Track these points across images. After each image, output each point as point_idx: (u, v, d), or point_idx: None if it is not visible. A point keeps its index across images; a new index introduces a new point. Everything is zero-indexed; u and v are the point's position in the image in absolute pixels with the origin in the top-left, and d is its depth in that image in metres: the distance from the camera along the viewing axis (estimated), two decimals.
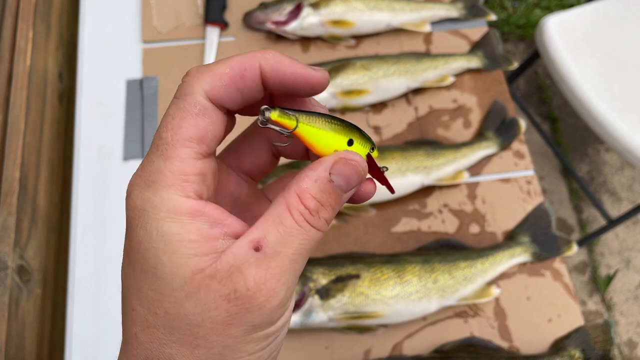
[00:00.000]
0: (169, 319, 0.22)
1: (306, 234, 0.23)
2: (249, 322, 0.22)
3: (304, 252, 0.23)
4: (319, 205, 0.23)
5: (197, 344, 0.22)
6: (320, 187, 0.24)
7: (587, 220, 1.53)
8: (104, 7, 0.86)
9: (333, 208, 0.24)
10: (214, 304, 0.22)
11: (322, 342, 0.64)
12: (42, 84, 0.77)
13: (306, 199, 0.23)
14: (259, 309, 0.22)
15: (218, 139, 0.24)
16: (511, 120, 0.77)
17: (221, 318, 0.22)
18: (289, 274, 0.23)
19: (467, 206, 0.73)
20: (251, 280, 0.22)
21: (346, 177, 0.24)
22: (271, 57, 0.24)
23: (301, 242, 0.23)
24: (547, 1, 1.82)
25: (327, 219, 0.24)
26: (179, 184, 0.23)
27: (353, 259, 0.65)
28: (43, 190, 0.73)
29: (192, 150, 0.23)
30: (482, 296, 0.65)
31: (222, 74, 0.23)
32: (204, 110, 0.23)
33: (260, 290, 0.22)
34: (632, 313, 1.43)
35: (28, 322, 0.65)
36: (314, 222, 0.23)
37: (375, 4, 0.82)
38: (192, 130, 0.23)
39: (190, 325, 0.22)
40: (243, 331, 0.22)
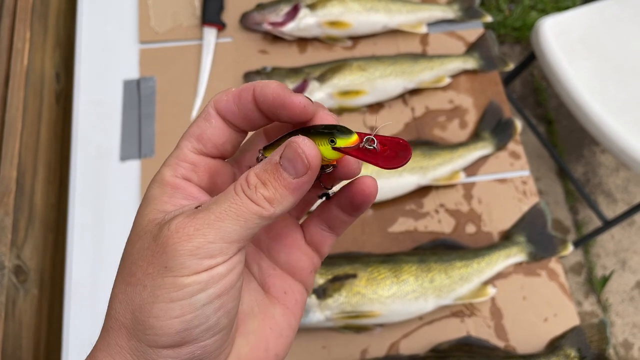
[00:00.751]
0: (123, 259, 0.26)
1: (239, 200, 0.25)
2: (162, 262, 0.24)
3: (233, 215, 0.24)
4: (257, 181, 0.25)
5: (130, 281, 0.25)
6: (265, 167, 0.25)
7: (583, 222, 1.54)
8: (101, 7, 0.86)
9: (276, 189, 0.25)
10: (147, 244, 0.25)
11: (319, 341, 0.64)
12: (39, 84, 0.77)
13: (249, 176, 0.25)
14: (172, 250, 0.24)
15: (215, 143, 0.28)
16: (507, 120, 0.78)
17: (147, 256, 0.25)
18: (210, 228, 0.24)
19: (464, 206, 0.73)
20: (174, 224, 0.24)
21: (291, 160, 0.25)
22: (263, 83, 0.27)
23: (231, 204, 0.24)
24: (543, 3, 1.83)
25: (266, 196, 0.25)
26: (173, 165, 0.28)
27: (350, 259, 0.65)
28: (40, 190, 0.73)
29: (190, 144, 0.28)
30: (478, 296, 0.65)
31: (228, 92, 0.28)
32: (208, 116, 0.28)
33: (177, 233, 0.24)
34: (627, 314, 1.44)
35: (25, 322, 0.65)
36: (249, 193, 0.25)
37: (372, 5, 0.83)
38: (195, 129, 0.28)
39: (131, 263, 0.25)
40: (157, 272, 0.24)
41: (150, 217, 0.26)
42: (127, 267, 0.25)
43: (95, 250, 0.69)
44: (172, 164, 0.28)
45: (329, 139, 0.26)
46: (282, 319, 0.31)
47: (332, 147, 0.26)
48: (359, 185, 0.29)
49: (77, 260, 0.69)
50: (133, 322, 0.24)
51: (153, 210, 0.26)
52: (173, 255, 0.24)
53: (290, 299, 0.31)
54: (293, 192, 0.25)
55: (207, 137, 0.28)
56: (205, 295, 0.24)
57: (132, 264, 0.25)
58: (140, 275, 0.24)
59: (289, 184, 0.25)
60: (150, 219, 0.26)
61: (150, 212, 0.26)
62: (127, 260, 0.26)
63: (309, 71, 0.78)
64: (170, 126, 0.77)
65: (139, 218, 0.27)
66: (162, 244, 0.24)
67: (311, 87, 0.76)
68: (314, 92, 0.76)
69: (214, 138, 0.28)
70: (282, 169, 0.25)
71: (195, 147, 0.28)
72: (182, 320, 0.24)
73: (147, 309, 0.24)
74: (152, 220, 0.26)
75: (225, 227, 0.24)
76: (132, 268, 0.25)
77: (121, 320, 0.25)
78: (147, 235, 0.25)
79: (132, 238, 0.26)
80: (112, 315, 0.25)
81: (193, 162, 0.28)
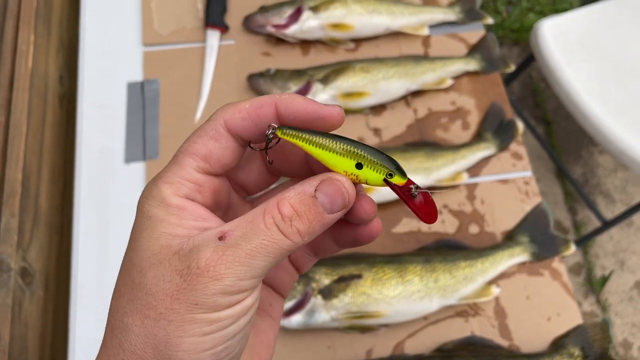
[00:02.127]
0: (133, 287, 0.24)
1: (271, 236, 0.24)
2: (191, 299, 0.23)
3: (265, 252, 0.24)
4: (293, 213, 0.24)
5: (148, 314, 0.24)
6: (301, 199, 0.25)
7: (582, 222, 1.55)
8: (104, 10, 0.86)
9: (310, 223, 0.25)
10: (169, 277, 0.24)
11: (324, 341, 0.65)
12: (43, 87, 0.77)
13: (283, 206, 0.24)
14: (202, 289, 0.23)
15: (223, 163, 0.27)
16: (509, 121, 0.78)
17: (171, 291, 0.23)
18: (241, 267, 0.23)
19: (467, 207, 0.74)
20: (203, 261, 0.23)
21: (330, 196, 0.25)
22: (286, 97, 0.26)
23: (263, 241, 0.24)
24: (540, 5, 1.84)
25: (300, 230, 0.24)
26: (175, 184, 0.26)
27: (355, 259, 0.65)
28: (45, 192, 0.74)
29: (194, 162, 0.26)
30: (482, 295, 0.66)
31: (242, 108, 0.26)
32: (217, 135, 0.26)
33: (208, 272, 0.23)
34: (627, 314, 1.44)
35: (31, 324, 0.65)
36: (282, 227, 0.24)
37: (375, 8, 0.83)
38: (201, 147, 0.26)
39: (147, 295, 0.24)
40: (186, 308, 0.23)
41: (162, 242, 0.25)
42: (140, 298, 0.24)
43: (100, 252, 0.70)
44: (174, 182, 0.26)
45: (388, 172, 0.26)
46: (269, 330, 0.31)
47: (384, 178, 0.26)
48: (370, 229, 0.29)
49: (82, 262, 0.69)
50: (155, 356, 0.24)
51: (163, 234, 0.25)
52: (204, 294, 0.23)
53: (276, 310, 0.32)
54: (324, 226, 0.25)
55: (216, 157, 0.27)
56: (237, 326, 0.24)
57: (149, 296, 0.24)
58: (162, 310, 0.23)
59: (324, 218, 0.25)
60: (163, 245, 0.25)
61: (160, 236, 0.25)
62: (139, 290, 0.24)
63: (312, 73, 0.78)
64: (175, 128, 0.77)
65: (145, 241, 0.25)
66: (191, 281, 0.23)
67: (314, 89, 0.77)
68: (317, 93, 0.77)
69: (223, 159, 0.27)
70: (318, 202, 0.25)
71: (201, 167, 0.26)
72: (214, 352, 0.24)
73: (175, 343, 0.23)
74: (165, 247, 0.24)
75: (256, 264, 0.24)
76: (149, 300, 0.24)
77: (139, 354, 0.24)
78: (165, 265, 0.24)
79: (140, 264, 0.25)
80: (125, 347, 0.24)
81: (199, 183, 0.26)
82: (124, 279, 0.25)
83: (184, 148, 0.27)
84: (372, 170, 0.26)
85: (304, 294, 0.62)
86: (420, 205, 0.27)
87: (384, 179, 0.26)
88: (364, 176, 0.26)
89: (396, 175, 0.27)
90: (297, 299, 0.62)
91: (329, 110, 0.26)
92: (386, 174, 0.26)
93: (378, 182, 0.27)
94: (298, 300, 0.62)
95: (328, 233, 0.30)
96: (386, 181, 0.26)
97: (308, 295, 0.62)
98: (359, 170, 0.26)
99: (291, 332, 0.65)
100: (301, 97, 0.26)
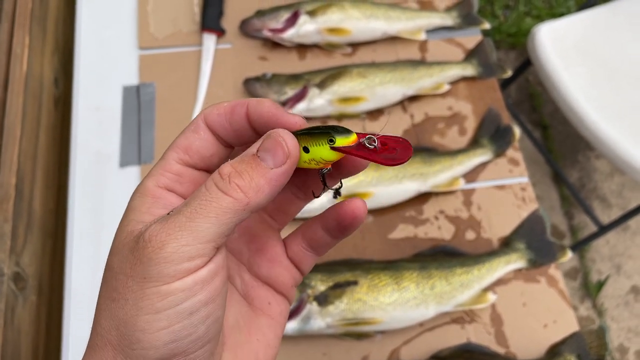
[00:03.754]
0: (106, 274, 0.25)
1: (209, 196, 0.24)
2: (140, 273, 0.23)
3: (204, 213, 0.23)
4: (232, 171, 0.24)
5: (112, 296, 0.24)
6: (242, 158, 0.25)
7: (578, 226, 1.55)
8: (100, 13, 0.86)
9: (252, 178, 0.24)
10: (125, 257, 0.24)
11: (319, 348, 0.64)
12: (38, 90, 0.77)
13: (223, 167, 0.25)
14: (148, 260, 0.23)
15: (202, 155, 0.28)
16: (505, 127, 0.78)
17: (127, 270, 0.24)
18: (182, 231, 0.23)
19: (463, 213, 0.73)
20: (147, 233, 0.24)
21: (270, 150, 0.25)
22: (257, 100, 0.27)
23: (200, 202, 0.24)
24: (537, 10, 1.85)
25: (241, 185, 0.24)
26: (156, 175, 0.27)
27: (351, 266, 0.65)
28: (39, 196, 0.73)
29: (176, 155, 0.27)
30: (478, 302, 0.66)
31: (220, 106, 0.28)
32: (197, 129, 0.28)
33: (151, 242, 0.23)
34: (622, 318, 1.44)
35: (24, 330, 0.65)
36: (221, 185, 0.24)
37: (372, 13, 0.83)
38: (183, 140, 0.28)
39: (112, 277, 0.25)
40: (137, 284, 0.23)
41: (128, 229, 0.26)
42: (108, 281, 0.25)
43: (95, 257, 0.69)
44: (156, 174, 0.27)
45: (327, 138, 0.25)
46: (268, 330, 0.30)
47: (330, 147, 0.25)
48: (348, 206, 0.29)
49: (77, 266, 0.69)
50: (118, 337, 0.24)
51: (131, 221, 0.26)
52: (149, 265, 0.23)
53: (275, 310, 0.31)
54: (270, 182, 0.25)
55: (195, 148, 0.27)
56: (192, 302, 0.24)
57: (113, 278, 0.24)
58: (121, 290, 0.24)
59: (267, 173, 0.24)
60: (129, 231, 0.25)
61: (128, 223, 0.26)
62: (109, 274, 0.25)
63: (309, 78, 0.78)
64: (170, 132, 0.77)
65: (118, 231, 0.26)
66: (139, 255, 0.23)
67: (311, 94, 0.76)
68: (314, 98, 0.76)
69: (201, 150, 0.28)
70: (260, 159, 0.25)
71: (181, 158, 0.27)
72: (170, 331, 0.23)
73: (131, 322, 0.23)
74: (130, 233, 0.25)
75: (197, 227, 0.23)
76: (113, 282, 0.24)
77: (107, 337, 0.24)
78: (125, 247, 0.25)
79: (112, 251, 0.26)
80: (97, 331, 0.24)
81: (178, 173, 0.27)
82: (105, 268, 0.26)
83: (171, 144, 0.28)
84: (317, 146, 0.26)
85: (299, 301, 0.62)
86: (385, 154, 0.25)
87: (330, 148, 0.25)
88: (316, 155, 0.26)
89: (339, 138, 0.25)
90: (293, 306, 0.62)
91: (287, 118, 0.26)
92: (327, 141, 0.25)
93: (330, 155, 0.26)
94: (293, 307, 0.62)
95: (318, 222, 0.30)
96: (334, 148, 0.25)
97: (303, 301, 0.62)
98: (308, 154, 0.26)
99: (286, 339, 0.64)
100: (270, 102, 0.27)
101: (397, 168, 0.71)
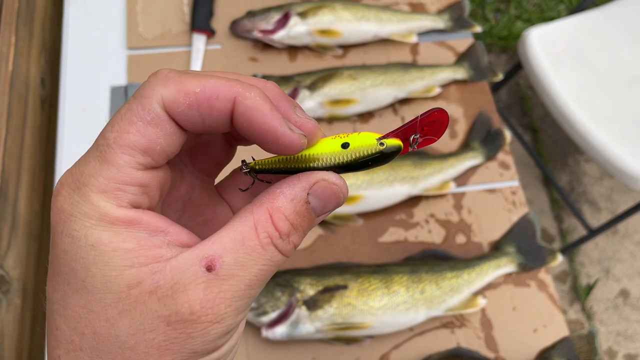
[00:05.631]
0: (98, 340, 0.20)
1: (270, 259, 0.21)
2: (188, 348, 0.20)
3: (264, 278, 0.21)
4: (291, 229, 0.21)
5: None
6: (296, 209, 0.21)
7: (568, 230, 1.55)
8: (88, 12, 0.85)
9: (304, 232, 0.22)
10: (151, 325, 0.20)
11: (309, 353, 0.64)
12: (24, 90, 0.76)
13: (279, 220, 0.21)
14: (202, 335, 0.20)
15: (168, 154, 0.22)
16: (496, 131, 0.78)
17: (157, 342, 0.20)
18: (242, 300, 0.20)
19: (454, 216, 0.73)
20: (197, 304, 0.20)
21: (324, 200, 0.22)
22: (252, 98, 0.21)
23: (262, 267, 0.21)
24: (528, 13, 1.85)
25: (296, 244, 0.22)
26: (113, 192, 0.20)
27: (340, 269, 0.64)
28: (24, 198, 0.72)
29: (133, 159, 0.21)
30: (468, 306, 0.65)
31: (190, 90, 0.21)
32: (157, 120, 0.21)
33: (206, 316, 0.20)
34: (611, 322, 1.45)
35: (7, 333, 0.64)
36: (282, 246, 0.21)
37: (363, 15, 0.82)
38: (139, 138, 0.21)
39: (122, 348, 0.20)
40: (181, 357, 0.20)
41: (126, 281, 0.20)
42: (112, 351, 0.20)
43: None
44: (109, 190, 0.20)
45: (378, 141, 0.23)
46: None
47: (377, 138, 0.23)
48: None
49: None
50: None
51: (123, 270, 0.20)
52: (203, 341, 0.20)
53: None
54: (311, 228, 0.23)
55: (161, 149, 0.21)
56: (233, 354, 0.23)
57: (126, 349, 0.20)
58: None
59: (314, 223, 0.22)
60: (130, 285, 0.20)
61: (120, 273, 0.20)
62: (110, 343, 0.20)
63: (299, 79, 0.77)
64: None
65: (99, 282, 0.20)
66: (185, 329, 0.20)
67: (302, 96, 0.76)
68: (304, 100, 0.76)
69: (169, 149, 0.22)
70: (311, 207, 0.22)
71: (142, 163, 0.21)
72: None
73: None
74: (134, 286, 0.20)
75: (256, 293, 0.21)
76: (126, 354, 0.20)
77: None
78: (142, 311, 0.20)
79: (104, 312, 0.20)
80: None
81: (143, 183, 0.21)
82: (79, 328, 0.20)
83: (112, 140, 0.20)
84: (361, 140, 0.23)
85: (288, 305, 0.61)
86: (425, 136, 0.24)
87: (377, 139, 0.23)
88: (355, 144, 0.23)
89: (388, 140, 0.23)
90: (281, 310, 0.61)
91: (289, 137, 0.21)
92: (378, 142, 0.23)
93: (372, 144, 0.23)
94: (282, 311, 0.61)
95: None
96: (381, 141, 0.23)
97: (292, 306, 0.61)
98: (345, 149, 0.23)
99: (275, 344, 0.63)
100: (269, 106, 0.21)
101: (388, 171, 0.71)
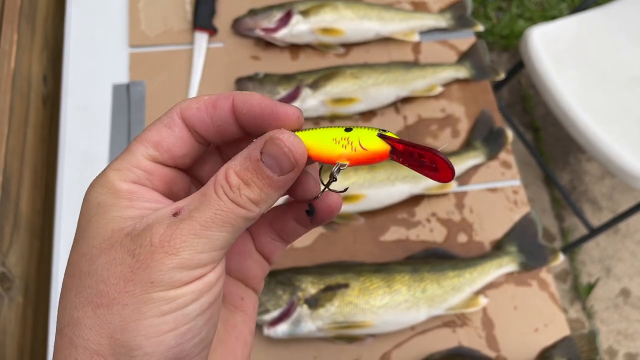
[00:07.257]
0: (82, 277, 0.23)
1: (224, 205, 0.23)
2: (147, 278, 0.22)
3: (220, 222, 0.23)
4: (240, 182, 0.23)
5: (101, 302, 0.22)
6: (245, 165, 0.24)
7: (569, 229, 1.55)
8: (90, 10, 0.85)
9: (260, 188, 0.24)
10: (120, 259, 0.23)
11: (310, 352, 0.64)
12: (26, 87, 0.76)
13: (230, 175, 0.24)
14: (157, 264, 0.22)
15: (173, 152, 0.26)
16: (498, 130, 0.78)
17: (123, 273, 0.22)
18: (198, 239, 0.23)
19: (455, 215, 0.73)
20: (157, 237, 0.22)
21: (276, 158, 0.24)
22: (246, 93, 0.25)
23: (216, 211, 0.23)
24: (530, 12, 1.85)
25: (252, 198, 0.24)
26: (123, 170, 0.25)
27: (342, 268, 0.65)
28: (26, 196, 0.72)
29: (145, 150, 0.25)
30: (470, 306, 0.65)
31: (199, 100, 0.26)
32: (171, 123, 0.26)
33: (162, 247, 0.22)
34: (612, 321, 1.45)
35: (9, 331, 0.64)
36: (233, 197, 0.23)
37: (365, 13, 0.82)
38: (153, 134, 0.26)
39: (97, 282, 0.23)
40: (141, 288, 0.22)
41: (113, 226, 0.23)
42: (90, 286, 0.23)
43: None
44: (122, 168, 0.25)
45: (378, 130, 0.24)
46: (243, 326, 0.30)
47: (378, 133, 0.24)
48: (326, 201, 0.28)
49: (64, 267, 0.67)
50: (112, 346, 0.22)
51: (115, 218, 0.24)
52: (160, 270, 0.22)
53: (248, 305, 0.30)
54: (278, 190, 0.24)
55: (167, 146, 0.26)
56: (199, 305, 0.23)
57: (100, 282, 0.23)
58: (115, 295, 0.22)
59: (274, 182, 0.24)
60: (115, 229, 0.23)
61: (111, 220, 0.24)
62: (89, 278, 0.23)
63: (301, 78, 0.77)
64: None
65: (94, 229, 0.24)
66: (145, 260, 0.22)
67: (304, 94, 0.76)
68: (306, 99, 0.76)
69: (173, 149, 0.26)
70: (265, 166, 0.24)
71: (151, 154, 0.25)
72: (176, 334, 0.23)
73: (132, 327, 0.22)
74: (117, 230, 0.23)
75: (213, 236, 0.23)
76: (100, 287, 0.22)
77: (93, 349, 0.22)
78: (117, 248, 0.23)
79: (89, 252, 0.23)
80: (77, 344, 0.22)
81: (147, 170, 0.25)
82: (71, 273, 0.24)
83: (138, 136, 0.26)
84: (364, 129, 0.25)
85: (289, 303, 0.61)
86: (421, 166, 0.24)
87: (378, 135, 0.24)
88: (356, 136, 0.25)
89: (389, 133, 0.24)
90: (283, 308, 0.61)
91: (284, 109, 0.25)
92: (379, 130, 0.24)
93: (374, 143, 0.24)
94: (283, 310, 0.61)
95: (288, 212, 0.29)
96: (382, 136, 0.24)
97: (294, 304, 0.61)
98: (348, 132, 0.25)
99: (276, 342, 0.64)
100: (259, 94, 0.25)
101: (390, 170, 0.71)
